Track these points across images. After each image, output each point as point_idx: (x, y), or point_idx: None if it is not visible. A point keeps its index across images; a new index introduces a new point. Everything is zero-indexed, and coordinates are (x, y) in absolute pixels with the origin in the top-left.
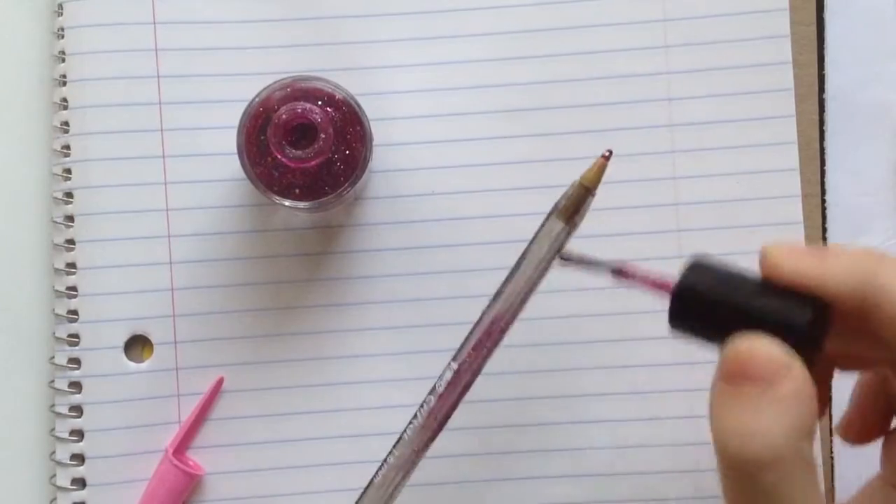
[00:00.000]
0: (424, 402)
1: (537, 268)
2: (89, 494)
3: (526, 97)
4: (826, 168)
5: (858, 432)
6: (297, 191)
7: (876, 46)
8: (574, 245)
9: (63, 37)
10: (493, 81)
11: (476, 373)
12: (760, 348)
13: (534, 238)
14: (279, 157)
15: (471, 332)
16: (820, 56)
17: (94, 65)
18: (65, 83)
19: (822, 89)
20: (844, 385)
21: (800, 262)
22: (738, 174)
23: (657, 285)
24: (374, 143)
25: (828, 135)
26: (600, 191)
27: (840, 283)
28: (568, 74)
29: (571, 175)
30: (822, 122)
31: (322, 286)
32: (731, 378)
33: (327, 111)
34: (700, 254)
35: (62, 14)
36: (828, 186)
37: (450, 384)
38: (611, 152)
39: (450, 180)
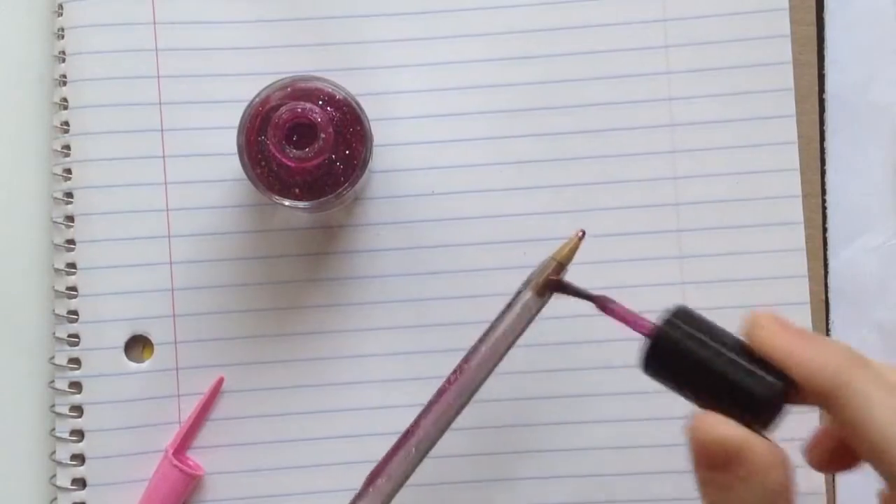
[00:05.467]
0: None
1: (508, 338)
2: (89, 495)
3: (526, 97)
4: (826, 168)
5: (817, 460)
6: (296, 190)
7: (876, 46)
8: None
9: (63, 37)
10: (494, 81)
11: (440, 432)
12: (714, 434)
13: (506, 309)
14: (279, 156)
15: (436, 398)
16: (820, 56)
17: (95, 65)
18: (65, 83)
19: (822, 89)
20: None
21: (785, 342)
22: (738, 174)
23: (638, 325)
24: (374, 143)
25: (828, 135)
26: (601, 191)
27: (816, 373)
28: (568, 74)
29: (571, 175)
30: (822, 122)
31: (322, 286)
32: (698, 465)
33: (327, 111)
34: (682, 305)
35: (62, 14)
36: (828, 186)
37: (405, 439)
38: (584, 232)
39: (450, 180)
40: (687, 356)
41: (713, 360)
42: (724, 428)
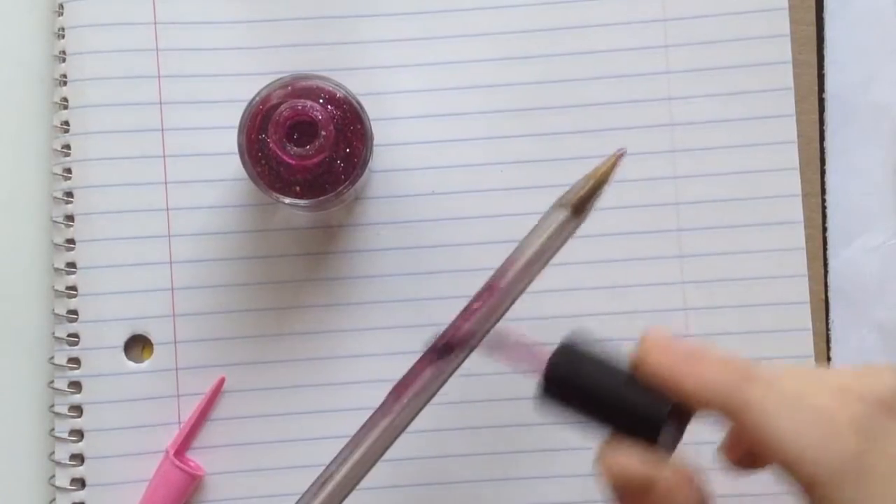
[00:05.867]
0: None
1: (539, 257)
2: (89, 495)
3: (526, 97)
4: (826, 168)
5: (731, 461)
6: (297, 189)
7: (876, 46)
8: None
9: (63, 37)
10: (493, 81)
11: (469, 352)
12: (618, 470)
13: (536, 229)
14: (280, 154)
15: (462, 316)
16: (820, 56)
17: (95, 64)
18: (65, 83)
19: (821, 89)
20: None
21: (672, 367)
22: (738, 174)
23: (530, 361)
24: (374, 142)
25: (828, 135)
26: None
27: (707, 396)
28: (568, 74)
29: (571, 175)
30: (822, 122)
31: (322, 286)
32: (612, 499)
33: (328, 109)
34: (576, 333)
35: (62, 14)
36: (828, 186)
37: (427, 355)
38: (624, 151)
39: (450, 180)
40: (580, 388)
41: (605, 390)
42: (627, 462)
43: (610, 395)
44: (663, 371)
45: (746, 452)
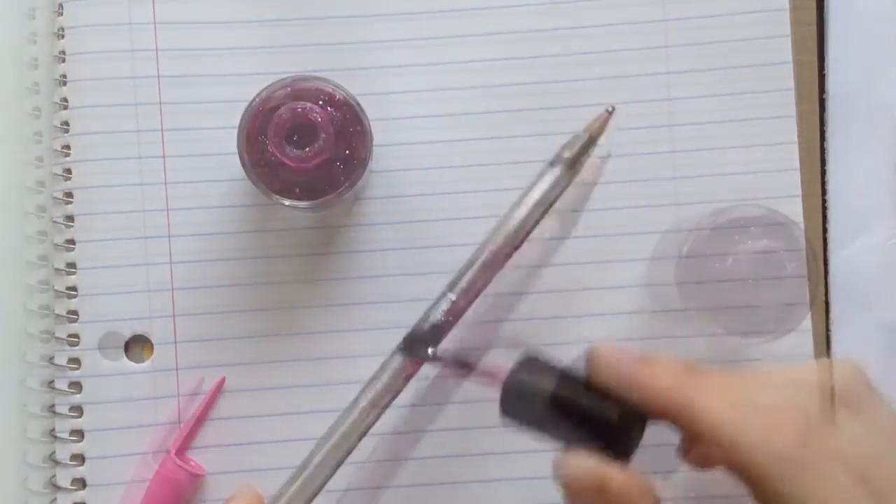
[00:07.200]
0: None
1: (540, 208)
2: (89, 495)
3: (526, 98)
4: (826, 168)
5: (693, 461)
6: (297, 190)
7: (876, 46)
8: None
9: (63, 37)
10: (493, 82)
11: (470, 302)
12: (574, 472)
13: (535, 182)
14: (279, 156)
15: (466, 267)
16: (820, 56)
17: (95, 65)
18: (65, 83)
19: (822, 89)
20: None
21: (620, 372)
22: (738, 174)
23: (490, 377)
24: (374, 143)
25: (828, 135)
26: (601, 191)
27: (656, 397)
28: (568, 75)
29: None
30: (822, 122)
31: (322, 286)
32: (568, 499)
33: (327, 111)
34: (531, 349)
35: (62, 14)
36: (828, 186)
37: (447, 312)
38: (613, 108)
39: (450, 180)
40: (537, 401)
41: (561, 400)
42: (583, 464)
43: (566, 405)
44: (614, 377)
45: (701, 453)
